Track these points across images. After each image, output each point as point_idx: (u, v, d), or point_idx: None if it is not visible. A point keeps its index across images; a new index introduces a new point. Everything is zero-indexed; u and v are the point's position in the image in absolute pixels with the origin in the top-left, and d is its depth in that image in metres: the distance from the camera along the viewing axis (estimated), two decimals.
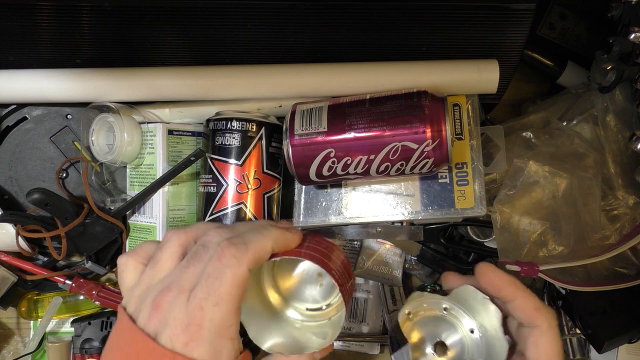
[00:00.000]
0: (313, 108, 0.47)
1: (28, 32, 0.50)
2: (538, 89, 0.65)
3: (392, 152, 0.44)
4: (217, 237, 0.33)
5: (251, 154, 0.50)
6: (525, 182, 0.53)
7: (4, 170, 0.57)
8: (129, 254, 0.36)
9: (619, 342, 0.57)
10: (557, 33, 0.61)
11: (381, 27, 0.50)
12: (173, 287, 0.31)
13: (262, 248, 0.33)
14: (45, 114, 0.57)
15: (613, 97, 0.53)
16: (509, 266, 0.51)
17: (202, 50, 0.52)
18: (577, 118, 0.56)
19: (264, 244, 0.34)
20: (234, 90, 0.52)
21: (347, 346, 0.62)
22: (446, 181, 0.50)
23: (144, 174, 0.54)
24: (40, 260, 0.58)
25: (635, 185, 0.53)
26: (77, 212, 0.53)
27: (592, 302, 0.57)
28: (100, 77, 0.51)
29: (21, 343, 0.62)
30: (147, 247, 0.36)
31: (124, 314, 0.33)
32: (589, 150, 0.54)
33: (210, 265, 0.31)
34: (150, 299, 0.32)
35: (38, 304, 0.60)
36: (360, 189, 0.52)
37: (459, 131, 0.51)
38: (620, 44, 0.49)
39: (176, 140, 0.54)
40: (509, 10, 0.48)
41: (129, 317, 0.32)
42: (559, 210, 0.53)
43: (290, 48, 0.51)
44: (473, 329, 0.40)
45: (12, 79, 0.52)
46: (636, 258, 0.55)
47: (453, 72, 0.50)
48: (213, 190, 0.51)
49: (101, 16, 0.48)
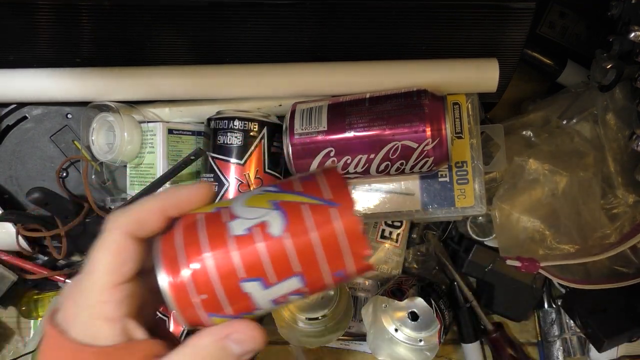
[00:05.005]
0: (313, 107, 0.47)
1: (28, 32, 0.50)
2: (538, 87, 0.65)
3: (392, 151, 0.45)
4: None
5: (253, 153, 0.50)
6: (525, 180, 0.53)
7: (4, 169, 0.57)
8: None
9: (619, 340, 0.57)
10: (557, 32, 0.61)
11: (381, 26, 0.50)
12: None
13: (145, 208, 0.28)
14: (45, 114, 0.57)
15: (613, 95, 0.53)
16: (510, 262, 0.51)
17: (202, 49, 0.52)
18: (577, 117, 0.56)
19: (147, 204, 0.28)
20: (234, 90, 0.52)
21: (346, 345, 0.62)
22: (446, 180, 0.50)
23: (144, 173, 0.54)
24: (41, 259, 0.58)
25: (635, 184, 0.53)
26: (77, 212, 0.53)
27: (591, 301, 0.57)
28: (100, 76, 0.51)
29: (21, 342, 0.62)
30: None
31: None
32: (588, 148, 0.54)
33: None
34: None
35: (38, 303, 0.60)
36: (360, 187, 0.52)
37: (459, 130, 0.51)
38: (620, 42, 0.49)
39: (176, 140, 0.54)
40: (509, 9, 0.48)
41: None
42: (559, 208, 0.53)
43: (290, 47, 0.51)
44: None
45: (12, 79, 0.52)
46: (636, 257, 0.55)
47: (453, 71, 0.50)
48: (214, 189, 0.51)
49: (101, 15, 0.48)
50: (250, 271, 0.26)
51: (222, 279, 0.26)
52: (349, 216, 0.26)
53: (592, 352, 0.61)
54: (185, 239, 0.27)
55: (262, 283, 0.26)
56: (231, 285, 0.26)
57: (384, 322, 0.59)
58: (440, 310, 0.56)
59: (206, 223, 0.27)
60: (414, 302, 0.58)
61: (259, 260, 0.26)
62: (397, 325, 0.59)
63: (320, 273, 0.27)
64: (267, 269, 0.26)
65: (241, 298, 0.26)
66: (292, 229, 0.26)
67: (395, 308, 0.59)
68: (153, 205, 0.28)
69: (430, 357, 0.56)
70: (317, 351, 0.63)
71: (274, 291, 0.26)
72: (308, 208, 0.27)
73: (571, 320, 0.60)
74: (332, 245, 0.26)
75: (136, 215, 0.27)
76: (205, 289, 0.26)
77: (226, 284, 0.26)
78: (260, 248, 0.26)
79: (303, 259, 0.26)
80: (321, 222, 0.26)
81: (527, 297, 0.59)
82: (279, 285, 0.26)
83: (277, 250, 0.26)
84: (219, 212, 0.28)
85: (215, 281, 0.26)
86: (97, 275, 0.26)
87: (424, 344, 0.58)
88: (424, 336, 0.58)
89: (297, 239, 0.26)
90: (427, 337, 0.58)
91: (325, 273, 0.27)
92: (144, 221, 0.27)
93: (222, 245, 0.26)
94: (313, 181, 0.28)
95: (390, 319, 0.59)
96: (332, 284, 0.28)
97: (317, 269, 0.27)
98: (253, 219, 0.27)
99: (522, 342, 0.64)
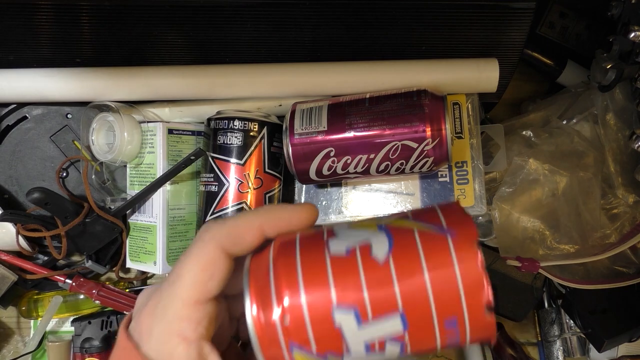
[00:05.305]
0: (313, 107, 0.47)
1: (28, 32, 0.50)
2: (538, 87, 0.65)
3: (392, 151, 0.45)
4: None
5: (253, 153, 0.50)
6: (525, 180, 0.53)
7: (4, 169, 0.57)
8: None
9: (619, 341, 0.57)
10: (557, 32, 0.61)
11: (381, 26, 0.50)
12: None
13: (244, 223, 0.26)
14: (45, 113, 0.57)
15: (613, 95, 0.53)
16: (510, 261, 0.51)
17: (202, 49, 0.52)
18: (577, 117, 0.56)
19: (245, 219, 0.26)
20: (234, 90, 0.52)
21: None
22: (446, 180, 0.50)
23: (144, 173, 0.54)
24: (41, 259, 0.58)
25: (635, 184, 0.53)
26: (77, 212, 0.53)
27: (592, 301, 0.57)
28: (100, 76, 0.51)
29: (21, 342, 0.62)
30: None
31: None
32: (588, 148, 0.54)
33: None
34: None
35: (38, 303, 0.60)
36: (360, 187, 0.52)
37: (459, 130, 0.51)
38: (620, 42, 0.49)
39: (176, 140, 0.54)
40: (509, 9, 0.48)
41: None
42: (559, 208, 0.53)
43: (290, 47, 0.51)
44: None
45: (12, 79, 0.52)
46: (636, 257, 0.55)
47: (453, 71, 0.50)
48: (214, 190, 0.51)
49: (101, 15, 0.48)
50: (345, 297, 0.22)
51: (313, 301, 0.23)
52: (469, 250, 0.22)
53: (592, 352, 0.61)
54: (278, 265, 0.24)
55: (356, 316, 0.22)
56: (322, 313, 0.22)
57: None
58: None
59: (304, 245, 0.24)
60: None
61: (357, 284, 0.22)
62: None
63: (427, 317, 0.22)
64: (363, 297, 0.22)
65: (331, 332, 0.22)
66: (397, 252, 0.22)
67: None
68: (252, 222, 0.26)
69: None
70: None
71: (369, 331, 0.22)
72: (420, 234, 0.23)
73: (571, 320, 0.60)
74: (445, 281, 0.22)
75: (233, 230, 0.26)
76: (293, 308, 0.23)
77: (316, 306, 0.22)
78: (359, 270, 0.22)
79: (407, 293, 0.22)
80: (433, 246, 0.22)
81: (527, 297, 0.59)
82: (375, 324, 0.22)
83: (378, 274, 0.22)
84: (320, 232, 0.25)
85: (304, 303, 0.23)
86: (181, 288, 0.24)
87: None
88: None
89: (402, 262, 0.22)
90: None
91: (432, 319, 0.22)
92: (239, 237, 0.26)
93: (317, 264, 0.23)
94: (429, 210, 0.25)
95: None
96: (439, 340, 0.23)
97: (424, 310, 0.22)
98: (355, 238, 0.23)
99: (522, 342, 0.64)
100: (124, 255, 0.57)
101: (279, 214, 0.27)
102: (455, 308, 0.22)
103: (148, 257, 0.54)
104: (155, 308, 0.25)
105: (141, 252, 0.55)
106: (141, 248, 0.55)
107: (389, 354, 0.23)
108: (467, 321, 0.22)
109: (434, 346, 0.23)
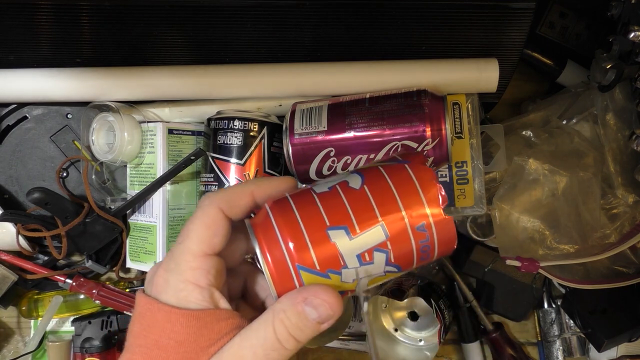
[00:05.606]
0: (313, 107, 0.47)
1: (28, 32, 0.50)
2: (538, 87, 0.65)
3: (392, 151, 0.45)
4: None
5: (253, 153, 0.50)
6: (525, 180, 0.53)
7: (4, 169, 0.57)
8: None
9: (619, 340, 0.57)
10: (556, 32, 0.61)
11: (381, 27, 0.50)
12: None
13: (237, 189, 0.31)
14: (45, 114, 0.57)
15: (613, 95, 0.53)
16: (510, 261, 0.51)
17: (202, 49, 0.52)
18: (576, 117, 0.56)
19: (240, 187, 0.31)
20: (234, 90, 0.52)
21: (346, 344, 0.62)
22: (446, 180, 0.50)
23: (144, 173, 0.54)
24: (41, 259, 0.58)
25: (635, 184, 0.53)
26: (78, 212, 0.53)
27: (591, 301, 0.57)
28: (100, 76, 0.51)
29: (21, 342, 0.62)
30: None
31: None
32: (588, 148, 0.54)
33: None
34: None
35: (38, 303, 0.60)
36: None
37: (459, 130, 0.51)
38: (619, 42, 0.49)
39: (176, 140, 0.54)
40: (508, 9, 0.48)
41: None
42: (559, 208, 0.53)
43: (291, 47, 0.51)
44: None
45: (13, 79, 0.52)
46: (635, 257, 0.55)
47: (453, 71, 0.50)
48: (214, 189, 0.51)
49: (101, 15, 0.48)
50: (335, 219, 0.28)
51: (309, 226, 0.28)
52: (420, 165, 0.29)
53: (592, 352, 0.61)
54: (275, 210, 0.29)
55: (347, 232, 0.28)
56: (318, 232, 0.28)
57: (384, 322, 0.59)
58: (440, 310, 0.56)
59: (293, 195, 0.30)
60: (414, 302, 0.58)
61: (342, 208, 0.28)
62: (397, 325, 0.59)
63: (401, 224, 0.28)
64: (350, 217, 0.28)
65: (328, 248, 0.28)
66: (369, 181, 0.29)
67: (395, 308, 0.59)
68: (244, 188, 0.31)
69: (430, 357, 0.56)
70: (317, 351, 0.63)
71: (358, 243, 0.28)
72: (383, 167, 0.30)
73: (571, 320, 0.60)
74: (408, 189, 0.28)
75: (228, 196, 0.30)
76: (294, 235, 0.28)
77: (313, 230, 0.28)
78: (342, 198, 0.28)
79: (382, 205, 0.28)
80: (395, 171, 0.29)
81: (527, 297, 0.59)
82: (363, 236, 0.28)
83: (357, 199, 0.28)
84: (303, 187, 0.31)
85: (303, 228, 0.28)
86: (189, 244, 0.28)
87: (424, 343, 0.58)
88: (424, 336, 0.58)
89: (375, 187, 0.28)
90: (427, 337, 0.58)
91: (406, 224, 0.28)
92: (234, 201, 0.30)
93: (308, 201, 0.29)
94: (391, 157, 0.31)
95: (390, 319, 0.59)
96: (415, 245, 0.28)
97: (398, 218, 0.28)
98: (334, 181, 0.30)
99: (522, 342, 0.64)
100: (124, 255, 0.57)
101: (267, 182, 0.31)
102: (419, 207, 0.28)
103: (148, 257, 0.54)
104: (169, 264, 0.29)
105: (141, 252, 0.55)
106: (141, 248, 0.55)
107: (377, 262, 0.28)
108: (432, 223, 0.28)
109: (410, 249, 0.28)
